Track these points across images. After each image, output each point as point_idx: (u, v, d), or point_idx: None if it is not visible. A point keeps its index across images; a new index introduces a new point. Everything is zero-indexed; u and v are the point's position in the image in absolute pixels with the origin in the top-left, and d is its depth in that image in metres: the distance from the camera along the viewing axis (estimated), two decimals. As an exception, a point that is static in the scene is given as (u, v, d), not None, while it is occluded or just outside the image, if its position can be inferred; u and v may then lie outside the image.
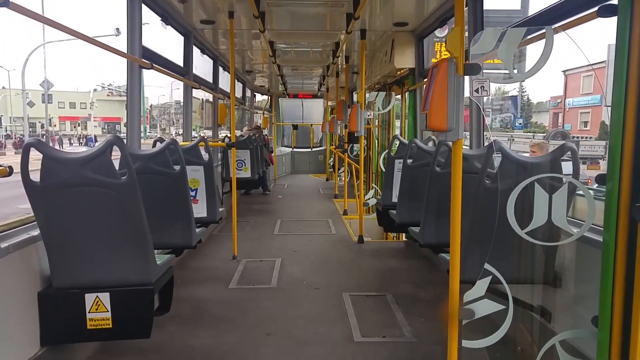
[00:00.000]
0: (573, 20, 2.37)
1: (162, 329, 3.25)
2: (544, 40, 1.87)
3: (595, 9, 2.00)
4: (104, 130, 57.96)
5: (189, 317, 3.56)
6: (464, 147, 2.34)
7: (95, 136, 41.98)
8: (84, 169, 2.40)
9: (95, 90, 51.91)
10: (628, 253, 1.49)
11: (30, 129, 50.61)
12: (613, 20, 1.53)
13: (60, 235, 2.49)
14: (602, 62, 9.20)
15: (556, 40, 1.85)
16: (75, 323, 2.56)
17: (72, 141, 46.14)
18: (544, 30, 1.88)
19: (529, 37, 2.11)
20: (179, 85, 5.63)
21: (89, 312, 2.54)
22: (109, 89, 51.14)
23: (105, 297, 2.55)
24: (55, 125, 52.46)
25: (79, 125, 57.97)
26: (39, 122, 50.79)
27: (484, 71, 2.11)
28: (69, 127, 58.17)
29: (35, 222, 2.53)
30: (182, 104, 6.09)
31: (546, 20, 2.85)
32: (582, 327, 1.91)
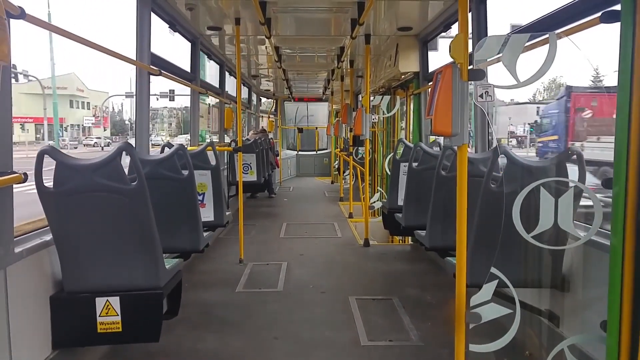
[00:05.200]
0: (576, 25, 2.38)
1: (170, 332, 3.27)
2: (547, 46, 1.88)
3: (598, 14, 2.01)
4: (38, 137, 42.49)
5: (197, 321, 3.59)
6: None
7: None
8: (96, 175, 2.44)
9: None
10: (636, 257, 1.50)
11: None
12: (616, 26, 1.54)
13: (72, 240, 2.53)
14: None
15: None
16: (86, 326, 2.59)
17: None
18: (547, 36, 1.89)
19: (531, 42, 2.13)
20: (153, 79, 4.60)
21: (99, 316, 2.58)
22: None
23: (115, 301, 2.58)
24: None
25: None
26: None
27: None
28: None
29: (48, 227, 2.57)
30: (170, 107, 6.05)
31: (549, 26, 2.86)
32: (590, 332, 1.91)
